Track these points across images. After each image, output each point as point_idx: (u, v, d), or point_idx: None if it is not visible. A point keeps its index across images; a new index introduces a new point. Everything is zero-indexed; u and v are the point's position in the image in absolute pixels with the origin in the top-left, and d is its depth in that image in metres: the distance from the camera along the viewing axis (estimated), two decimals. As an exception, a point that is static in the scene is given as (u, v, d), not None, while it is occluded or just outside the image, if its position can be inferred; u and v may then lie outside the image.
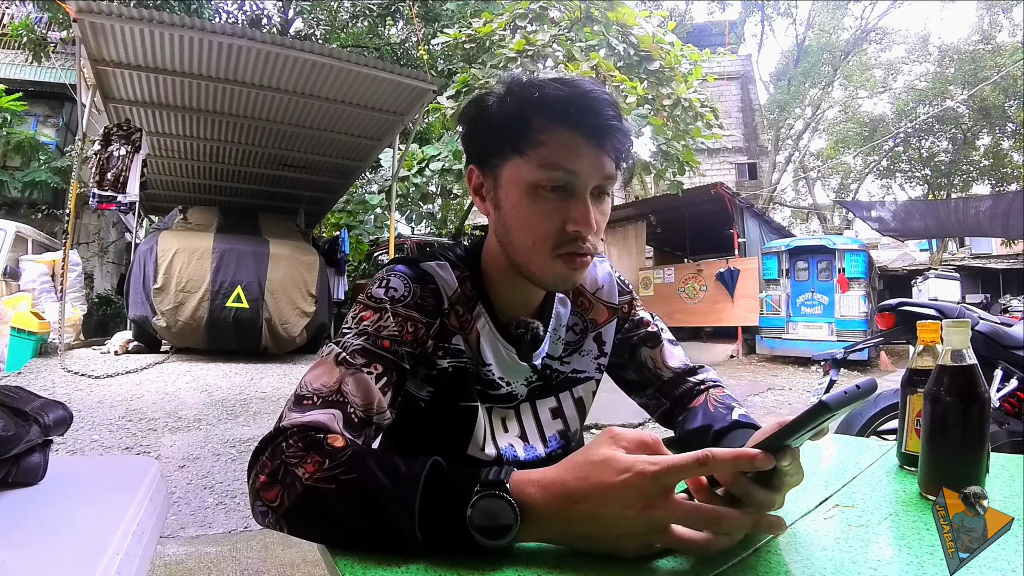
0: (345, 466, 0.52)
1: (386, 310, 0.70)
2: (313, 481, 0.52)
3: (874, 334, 5.59)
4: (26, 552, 0.82)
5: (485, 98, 0.72)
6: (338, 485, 0.51)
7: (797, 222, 20.86)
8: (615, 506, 0.46)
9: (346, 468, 0.52)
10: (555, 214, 0.67)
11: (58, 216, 9.09)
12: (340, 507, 0.50)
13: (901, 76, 17.36)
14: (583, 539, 0.48)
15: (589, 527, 0.47)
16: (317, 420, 0.59)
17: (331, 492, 0.51)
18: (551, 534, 0.48)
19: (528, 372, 0.80)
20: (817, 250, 8.13)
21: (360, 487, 0.51)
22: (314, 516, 0.52)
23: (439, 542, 0.48)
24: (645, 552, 0.48)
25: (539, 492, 0.48)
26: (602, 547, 0.47)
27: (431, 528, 0.48)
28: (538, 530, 0.48)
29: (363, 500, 0.50)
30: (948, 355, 0.65)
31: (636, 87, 6.04)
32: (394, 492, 0.49)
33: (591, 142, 0.66)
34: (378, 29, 11.27)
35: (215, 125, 6.00)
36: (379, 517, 0.49)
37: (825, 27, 16.95)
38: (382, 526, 0.49)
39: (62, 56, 9.45)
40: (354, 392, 0.63)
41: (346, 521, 0.50)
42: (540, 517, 0.48)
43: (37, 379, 4.10)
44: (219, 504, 2.62)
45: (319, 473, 0.52)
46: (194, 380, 4.39)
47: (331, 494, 0.51)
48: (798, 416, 0.47)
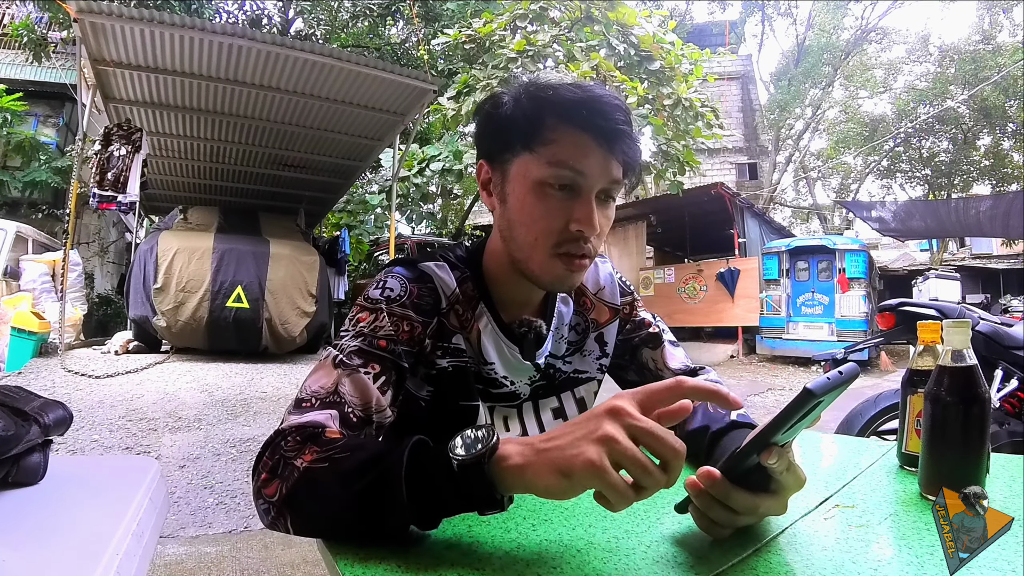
0: (339, 449, 0.54)
1: (382, 310, 0.70)
2: (309, 464, 0.54)
3: (874, 334, 5.58)
4: (26, 552, 0.82)
5: (501, 95, 0.73)
6: (332, 463, 0.53)
7: (797, 222, 20.87)
8: (578, 422, 0.49)
9: (340, 449, 0.54)
10: (559, 212, 0.68)
11: (58, 216, 9.09)
12: (334, 480, 0.52)
13: (901, 76, 17.37)
14: (545, 454, 0.47)
15: (551, 442, 0.48)
16: (314, 419, 0.61)
17: (326, 470, 0.53)
18: (520, 459, 0.48)
19: (531, 371, 0.81)
20: (817, 250, 8.13)
21: (353, 456, 0.53)
22: (311, 495, 0.53)
23: (422, 482, 0.49)
24: (596, 466, 0.44)
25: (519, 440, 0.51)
26: (560, 461, 0.46)
27: (417, 468, 0.49)
28: (510, 457, 0.48)
29: (355, 465, 0.52)
30: (948, 355, 0.64)
31: (636, 87, 6.04)
32: (386, 448, 0.52)
33: (600, 144, 0.67)
34: (378, 29, 11.27)
35: (215, 125, 6.00)
36: (370, 470, 0.50)
37: (825, 27, 16.95)
38: (373, 479, 0.50)
39: (62, 56, 9.45)
40: (351, 392, 0.64)
41: (340, 490, 0.51)
42: (512, 446, 0.49)
43: (37, 379, 4.10)
44: (219, 504, 2.62)
45: (315, 457, 0.54)
46: (194, 380, 4.39)
47: (326, 472, 0.53)
48: (784, 408, 0.47)
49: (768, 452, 0.48)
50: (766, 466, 0.49)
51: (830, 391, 0.46)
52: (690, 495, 0.52)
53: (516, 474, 0.47)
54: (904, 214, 10.50)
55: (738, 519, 0.51)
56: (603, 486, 0.44)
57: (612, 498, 0.45)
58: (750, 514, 0.52)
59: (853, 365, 0.50)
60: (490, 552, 0.50)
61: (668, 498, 0.57)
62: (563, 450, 0.46)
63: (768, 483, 0.51)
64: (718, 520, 0.51)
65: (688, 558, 0.49)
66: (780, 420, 0.47)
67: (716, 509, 0.51)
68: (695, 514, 0.53)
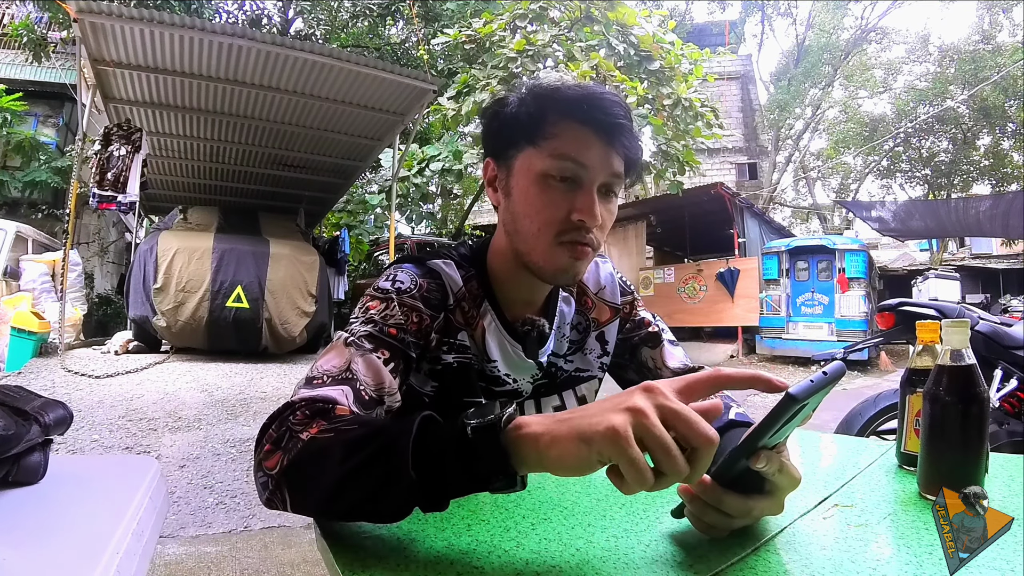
0: (347, 422, 0.53)
1: (392, 300, 0.71)
2: (315, 435, 0.52)
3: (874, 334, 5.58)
4: (26, 551, 0.82)
5: (506, 96, 0.76)
6: (337, 433, 0.52)
7: (797, 222, 20.86)
8: (607, 400, 0.46)
9: (348, 423, 0.53)
10: (562, 203, 0.70)
11: (58, 216, 9.09)
12: (338, 450, 0.50)
13: (901, 76, 17.36)
14: (567, 422, 0.44)
15: (575, 414, 0.45)
16: (327, 394, 0.60)
17: (330, 440, 0.51)
18: (538, 427, 0.45)
19: (534, 369, 0.81)
20: (817, 250, 8.12)
21: (360, 429, 0.51)
22: (312, 464, 0.51)
23: (431, 453, 0.46)
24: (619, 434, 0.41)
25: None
26: (582, 426, 0.43)
27: (427, 437, 0.47)
28: (527, 425, 0.45)
29: (361, 435, 0.50)
30: (947, 355, 0.65)
31: (636, 87, 6.04)
32: (395, 421, 0.51)
33: (601, 138, 0.69)
34: (378, 29, 11.26)
35: (215, 125, 6.00)
36: (375, 440, 0.48)
37: (825, 27, 16.95)
38: (377, 448, 0.48)
39: (62, 56, 9.44)
40: (364, 372, 0.64)
41: (342, 460, 0.49)
42: (530, 417, 0.47)
43: (37, 379, 4.10)
44: (219, 504, 2.62)
45: (321, 429, 0.53)
46: (194, 380, 4.39)
47: (330, 441, 0.51)
48: (768, 414, 0.46)
49: (756, 457, 0.48)
50: (756, 470, 0.49)
51: (814, 393, 0.46)
52: (683, 500, 0.52)
53: (531, 442, 0.44)
54: (904, 214, 10.50)
55: (733, 522, 0.52)
56: (622, 458, 0.41)
57: (628, 475, 0.41)
58: (745, 516, 0.52)
59: (839, 364, 0.49)
60: (490, 552, 0.50)
61: (667, 498, 0.57)
62: (587, 418, 0.43)
63: (762, 485, 0.51)
64: (713, 524, 0.51)
65: (687, 558, 0.49)
66: (765, 425, 0.47)
67: (710, 513, 0.51)
68: (691, 518, 0.53)
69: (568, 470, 0.44)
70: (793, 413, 0.46)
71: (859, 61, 17.15)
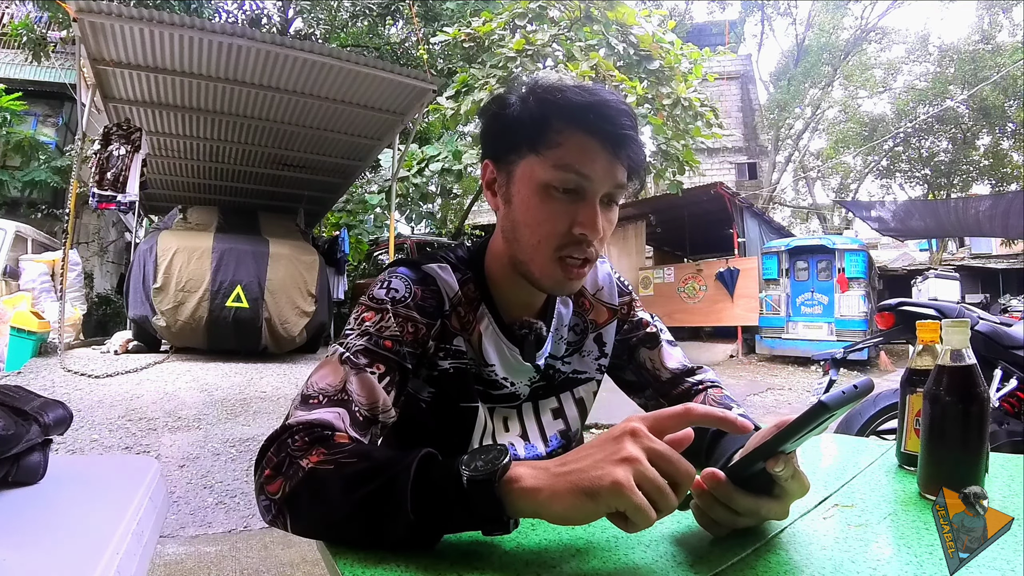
0: (347, 454, 0.54)
1: (387, 311, 0.70)
2: (315, 465, 0.53)
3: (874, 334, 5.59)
4: (26, 551, 0.82)
5: (507, 95, 0.73)
6: (337, 466, 0.53)
7: (797, 222, 20.86)
8: (595, 446, 0.48)
9: (348, 454, 0.54)
10: (563, 215, 0.68)
11: (58, 216, 9.08)
12: (338, 484, 0.52)
13: (901, 76, 17.36)
14: (565, 477, 0.46)
15: (569, 465, 0.47)
16: (324, 418, 0.61)
17: (330, 472, 0.53)
18: (533, 481, 0.47)
19: (531, 372, 0.81)
20: (817, 250, 8.12)
21: (360, 463, 0.53)
22: (313, 496, 0.53)
23: (429, 494, 0.48)
24: (625, 487, 0.44)
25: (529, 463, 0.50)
26: (584, 482, 0.45)
27: (425, 480, 0.49)
28: (522, 479, 0.47)
29: (361, 470, 0.52)
30: (947, 355, 0.65)
31: (636, 87, 6.03)
32: (394, 457, 0.52)
33: (606, 149, 0.67)
34: (378, 29, 11.25)
35: (215, 125, 6.00)
36: (375, 477, 0.50)
37: (825, 27, 16.94)
38: (377, 486, 0.49)
39: (62, 56, 9.43)
40: (358, 391, 0.64)
41: (343, 494, 0.51)
42: (525, 468, 0.48)
43: (37, 379, 4.10)
44: (219, 504, 2.62)
45: (322, 459, 0.54)
46: (194, 380, 4.39)
47: (330, 474, 0.52)
48: (797, 418, 0.47)
49: (775, 459, 0.49)
50: (771, 472, 0.49)
51: (844, 404, 0.47)
52: (692, 494, 0.52)
53: (528, 496, 0.47)
54: (903, 214, 10.50)
55: (739, 520, 0.52)
56: (630, 507, 0.44)
57: (637, 519, 0.44)
58: (751, 516, 0.52)
59: (868, 380, 0.51)
60: (490, 552, 0.50)
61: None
62: (586, 472, 0.46)
63: (771, 487, 0.52)
64: (719, 520, 0.52)
65: (688, 557, 0.49)
66: (792, 430, 0.48)
67: (718, 509, 0.51)
68: (696, 512, 0.53)
69: (571, 522, 0.47)
70: (820, 422, 0.47)
71: (859, 61, 17.14)
